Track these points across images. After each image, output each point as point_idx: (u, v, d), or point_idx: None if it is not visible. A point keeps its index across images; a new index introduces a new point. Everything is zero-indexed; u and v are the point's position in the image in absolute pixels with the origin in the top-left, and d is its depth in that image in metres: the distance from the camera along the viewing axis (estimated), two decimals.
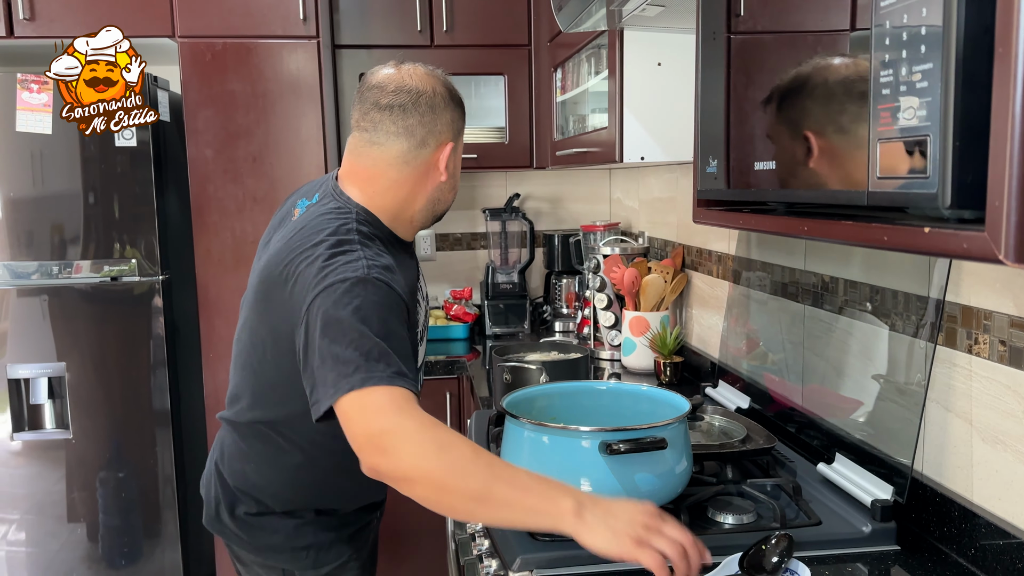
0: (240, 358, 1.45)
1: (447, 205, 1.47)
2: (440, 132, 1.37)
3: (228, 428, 1.50)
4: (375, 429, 1.10)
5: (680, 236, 2.39)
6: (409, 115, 1.35)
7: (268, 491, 1.45)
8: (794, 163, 0.89)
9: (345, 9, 2.69)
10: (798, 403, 1.62)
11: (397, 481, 1.09)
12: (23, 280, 2.51)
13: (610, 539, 1.01)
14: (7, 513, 2.59)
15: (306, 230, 1.31)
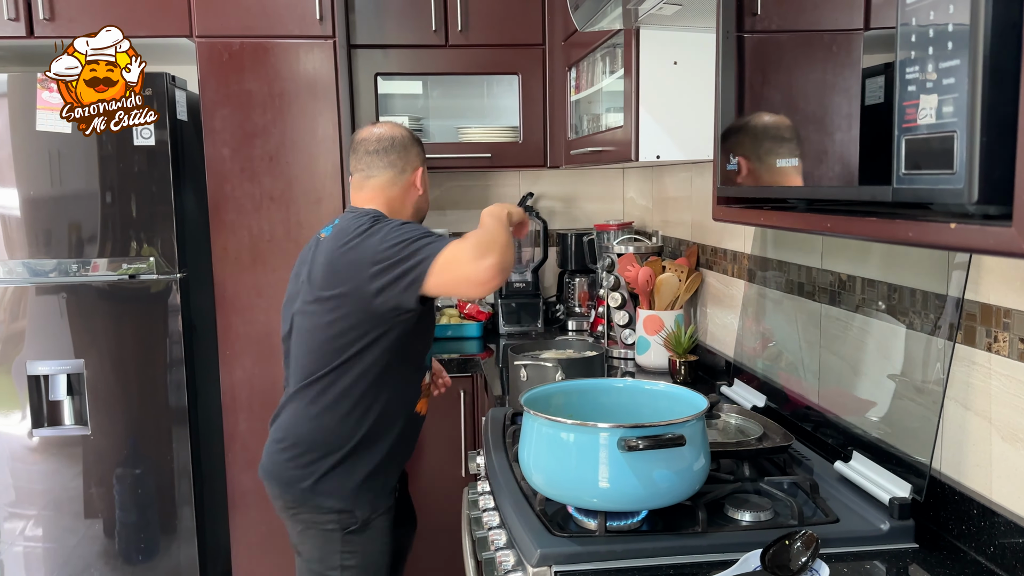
0: (308, 345, 1.79)
1: (425, 211, 2.00)
2: (412, 162, 1.92)
3: (299, 399, 1.81)
4: (477, 263, 1.59)
5: (694, 235, 2.39)
6: (390, 154, 1.90)
7: (337, 442, 1.78)
8: (817, 159, 0.89)
9: (361, 9, 2.70)
10: (814, 402, 1.63)
11: (504, 273, 1.62)
12: (41, 278, 2.53)
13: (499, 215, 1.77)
14: (25, 509, 2.61)
15: (347, 227, 1.76)
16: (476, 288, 1.60)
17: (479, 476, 1.72)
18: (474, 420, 2.64)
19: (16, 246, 2.51)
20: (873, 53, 0.86)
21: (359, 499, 1.79)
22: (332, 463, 1.77)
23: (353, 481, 1.78)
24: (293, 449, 1.79)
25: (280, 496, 1.85)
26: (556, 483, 1.25)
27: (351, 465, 1.78)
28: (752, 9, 1.11)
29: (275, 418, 1.89)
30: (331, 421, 1.77)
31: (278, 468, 1.83)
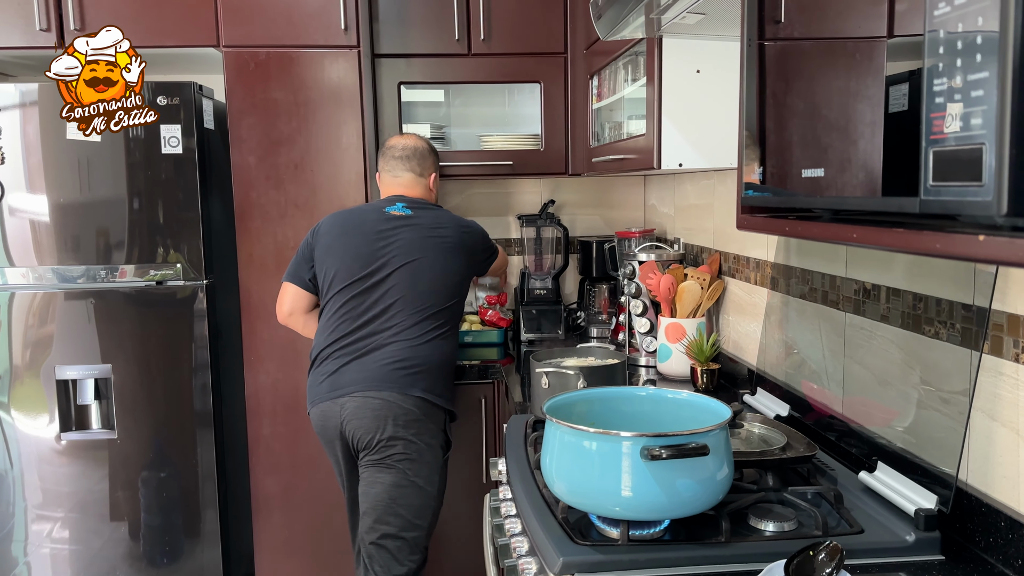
0: (429, 286, 2.31)
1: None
2: (428, 167, 2.48)
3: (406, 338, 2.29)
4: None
5: (716, 242, 2.39)
6: (412, 160, 2.45)
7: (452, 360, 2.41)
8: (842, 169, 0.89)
9: (385, 19, 2.73)
10: (838, 411, 1.62)
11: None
12: (70, 284, 2.57)
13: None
14: (52, 511, 2.65)
15: (447, 216, 2.43)
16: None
17: (500, 483, 1.73)
18: (495, 426, 2.65)
19: (45, 252, 2.56)
20: (897, 60, 0.86)
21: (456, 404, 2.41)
22: (447, 375, 2.33)
23: (451, 389, 2.35)
24: (420, 368, 2.25)
25: (401, 410, 2.21)
26: (578, 491, 1.25)
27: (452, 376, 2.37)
28: (776, 17, 1.11)
29: (377, 348, 2.24)
30: (448, 346, 2.34)
31: (404, 383, 2.23)
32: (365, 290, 2.25)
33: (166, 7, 2.55)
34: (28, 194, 2.52)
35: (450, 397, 2.33)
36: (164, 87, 2.49)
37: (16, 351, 2.59)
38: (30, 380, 2.59)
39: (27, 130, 2.48)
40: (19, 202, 2.53)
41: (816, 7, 1.03)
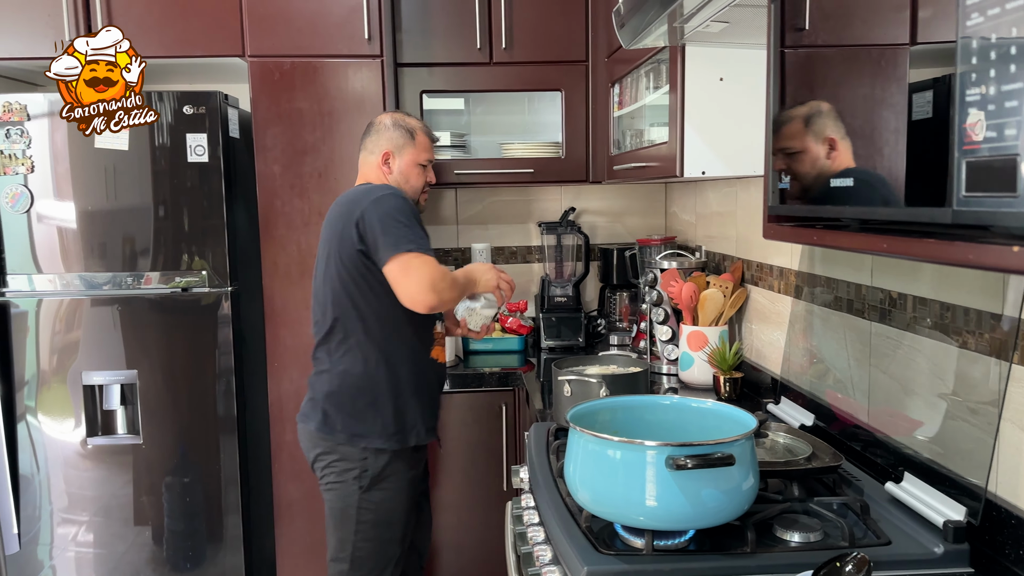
0: (320, 297, 2.13)
1: (408, 195, 2.16)
2: (382, 144, 2.20)
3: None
4: (426, 283, 1.95)
5: (739, 250, 2.38)
6: (366, 136, 2.24)
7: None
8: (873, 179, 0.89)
9: (408, 28, 2.75)
10: (863, 421, 1.60)
11: (442, 305, 2.00)
12: (96, 290, 2.60)
13: (488, 283, 2.18)
14: (77, 515, 2.68)
15: (339, 202, 2.12)
16: (410, 299, 1.99)
17: (522, 490, 1.73)
18: (515, 434, 2.65)
19: (72, 259, 2.59)
20: (919, 68, 0.85)
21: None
22: (351, 401, 2.13)
23: (363, 417, 2.14)
24: (314, 398, 2.18)
25: (309, 443, 2.20)
26: (602, 500, 1.25)
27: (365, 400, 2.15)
28: (800, 25, 1.11)
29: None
30: (345, 368, 2.15)
31: (306, 415, 2.21)
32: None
33: (193, 18, 2.59)
34: (56, 201, 2.56)
35: (359, 429, 2.08)
36: (190, 96, 2.52)
37: (43, 357, 2.62)
38: (57, 385, 2.63)
39: (55, 138, 2.52)
40: (47, 209, 2.56)
41: (840, 14, 1.03)
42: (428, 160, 2.23)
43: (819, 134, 1.07)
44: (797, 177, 1.08)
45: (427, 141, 2.23)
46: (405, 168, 2.19)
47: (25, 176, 2.53)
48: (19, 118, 2.49)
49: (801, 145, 1.10)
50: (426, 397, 2.15)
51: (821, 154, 1.05)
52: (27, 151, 2.52)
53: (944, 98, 0.82)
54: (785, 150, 1.14)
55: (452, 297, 2.01)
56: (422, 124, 2.25)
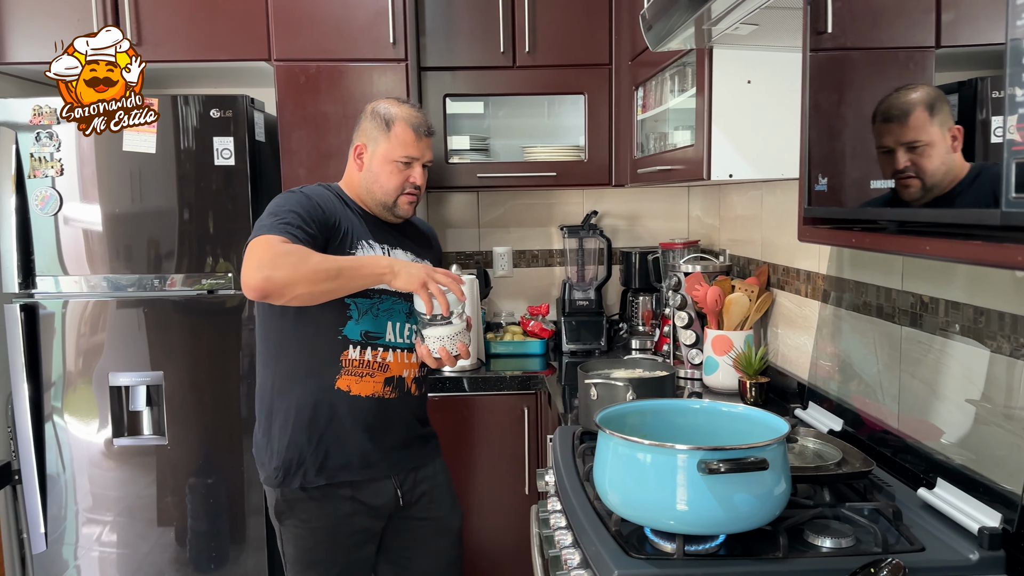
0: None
1: (376, 197, 1.91)
2: (358, 136, 1.93)
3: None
4: (255, 262, 1.62)
5: (764, 254, 2.37)
6: (355, 126, 1.96)
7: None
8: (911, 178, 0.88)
9: (431, 32, 2.76)
10: (893, 426, 1.59)
11: (281, 289, 1.61)
12: (121, 292, 2.63)
13: (408, 279, 1.69)
14: (101, 515, 2.70)
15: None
16: (246, 289, 1.64)
17: (547, 494, 1.72)
18: (538, 437, 2.64)
19: (98, 261, 2.61)
20: (944, 71, 0.85)
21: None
22: (264, 427, 1.91)
23: (269, 447, 1.90)
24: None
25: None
26: (633, 504, 1.24)
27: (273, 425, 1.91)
28: (832, 28, 1.10)
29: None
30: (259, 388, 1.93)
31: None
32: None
33: (219, 22, 2.61)
34: (82, 204, 2.59)
35: (258, 457, 1.92)
36: (217, 100, 2.54)
37: (69, 358, 2.65)
38: (83, 386, 2.65)
39: (83, 142, 2.55)
40: (73, 212, 2.59)
41: (868, 17, 1.02)
42: (407, 157, 1.87)
43: (945, 123, 0.93)
44: (921, 175, 0.94)
45: (409, 135, 1.86)
46: (376, 164, 1.88)
47: (54, 179, 2.56)
48: (49, 121, 2.52)
49: (928, 136, 0.96)
50: (326, 434, 1.84)
51: (948, 145, 0.93)
52: (56, 154, 2.55)
53: (970, 102, 0.82)
54: (910, 144, 0.97)
55: (294, 277, 1.62)
56: (411, 114, 1.89)
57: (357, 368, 1.85)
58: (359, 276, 1.70)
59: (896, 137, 0.99)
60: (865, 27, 1.04)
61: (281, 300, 1.64)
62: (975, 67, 0.82)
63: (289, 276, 1.61)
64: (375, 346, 1.86)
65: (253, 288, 1.61)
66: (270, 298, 1.63)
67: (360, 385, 1.85)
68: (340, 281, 1.67)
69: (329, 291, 1.68)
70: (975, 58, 0.82)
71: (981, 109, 0.81)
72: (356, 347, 1.84)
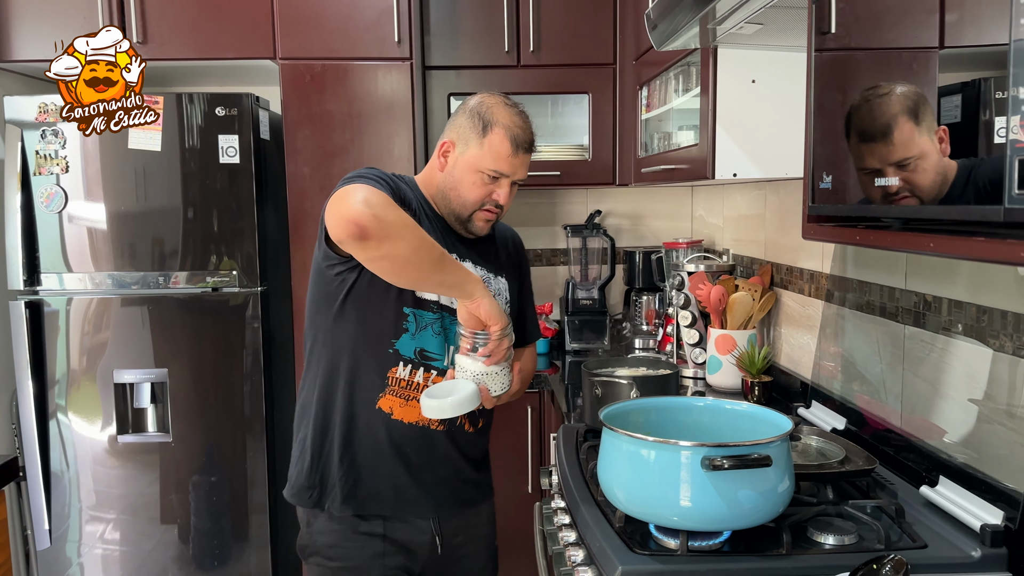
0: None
1: (451, 206, 1.66)
2: (450, 131, 1.67)
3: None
4: (359, 196, 1.38)
5: (768, 254, 2.37)
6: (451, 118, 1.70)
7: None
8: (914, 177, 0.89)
9: (436, 31, 2.77)
10: (896, 425, 1.59)
11: (382, 237, 1.38)
12: (126, 290, 2.63)
13: (497, 312, 1.51)
14: (105, 512, 2.70)
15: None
16: (337, 220, 1.38)
17: (550, 492, 1.73)
18: (540, 436, 2.65)
19: (102, 259, 2.62)
20: (948, 72, 0.86)
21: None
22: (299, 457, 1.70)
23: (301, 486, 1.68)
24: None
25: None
26: (637, 500, 1.25)
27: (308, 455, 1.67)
28: (837, 28, 1.11)
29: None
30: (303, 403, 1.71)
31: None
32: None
33: (225, 21, 2.62)
34: (87, 202, 2.60)
35: (290, 470, 1.73)
36: (222, 98, 2.55)
37: (73, 355, 2.65)
38: (87, 384, 2.66)
39: (87, 140, 2.56)
40: (78, 210, 2.60)
41: (873, 17, 1.03)
42: (496, 171, 1.61)
43: (931, 127, 0.88)
44: (917, 192, 0.88)
45: (505, 147, 1.60)
46: (460, 169, 1.62)
47: (59, 176, 2.57)
48: (54, 119, 2.54)
49: (919, 149, 0.89)
50: (360, 457, 1.62)
51: (937, 151, 0.88)
52: (61, 152, 2.56)
53: (973, 102, 0.82)
54: (900, 164, 0.91)
55: (401, 230, 1.40)
56: (514, 122, 1.63)
57: (403, 389, 1.61)
58: (451, 283, 1.49)
59: (882, 157, 0.93)
60: (869, 27, 1.05)
61: (372, 250, 1.39)
62: (979, 68, 0.82)
63: (398, 224, 1.39)
64: (428, 367, 1.62)
65: (352, 219, 1.35)
66: (365, 238, 1.37)
67: (404, 410, 1.61)
68: (436, 274, 1.47)
69: (421, 267, 1.45)
70: (979, 59, 0.83)
71: (985, 110, 0.81)
72: (407, 366, 1.61)
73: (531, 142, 1.66)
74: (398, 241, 1.39)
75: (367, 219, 1.35)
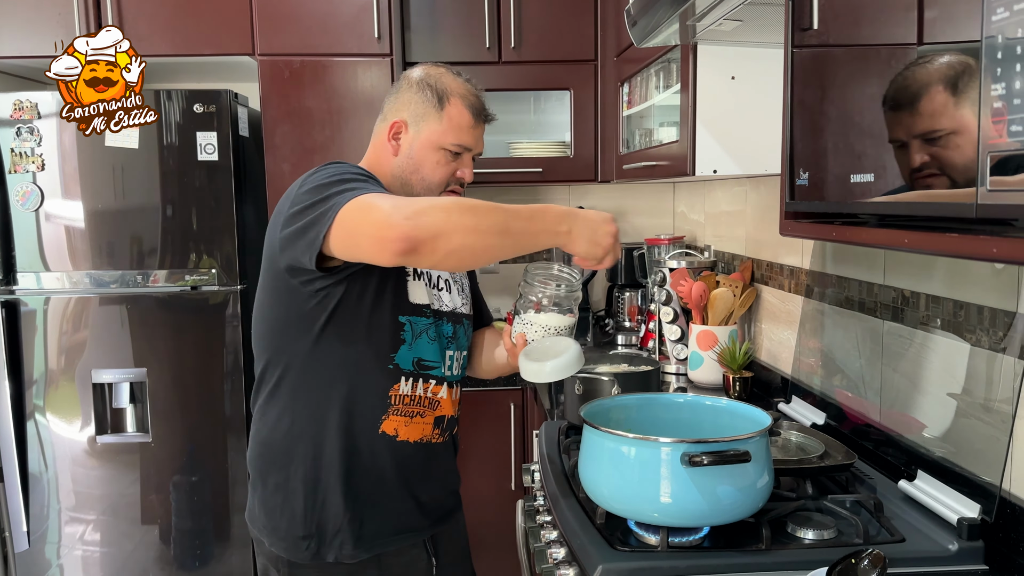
0: (253, 325, 1.54)
1: (414, 191, 1.51)
2: (397, 109, 1.51)
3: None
4: (386, 208, 1.20)
5: (748, 250, 2.38)
6: (388, 96, 1.55)
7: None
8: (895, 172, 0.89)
9: (416, 27, 2.76)
10: (875, 419, 1.60)
11: (434, 240, 1.18)
12: (104, 288, 2.61)
13: (590, 249, 1.31)
14: (84, 514, 2.68)
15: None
16: (374, 243, 1.20)
17: (534, 489, 1.73)
18: (523, 432, 2.65)
19: (80, 258, 2.60)
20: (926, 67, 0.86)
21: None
22: (264, 478, 1.49)
23: (276, 509, 1.47)
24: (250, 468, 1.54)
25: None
26: (617, 497, 1.25)
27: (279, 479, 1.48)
28: (815, 24, 1.11)
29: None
30: (265, 428, 1.48)
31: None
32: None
33: (203, 17, 2.59)
34: (64, 200, 2.57)
35: (268, 521, 1.47)
36: (200, 95, 2.52)
37: (51, 355, 2.63)
38: (65, 384, 2.63)
39: (65, 137, 2.53)
40: (55, 208, 2.57)
41: (851, 13, 1.03)
42: (459, 145, 1.50)
43: (975, 100, 0.73)
44: (947, 171, 0.79)
45: (466, 117, 1.49)
46: (419, 149, 1.48)
47: (35, 174, 2.54)
48: (29, 116, 2.50)
49: (953, 123, 0.78)
50: (364, 492, 1.44)
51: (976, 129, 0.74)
52: (37, 149, 2.53)
53: None
54: (926, 135, 0.83)
55: (446, 224, 1.20)
56: (469, 91, 1.53)
57: (408, 406, 1.47)
58: (531, 235, 1.27)
59: (907, 128, 0.84)
60: (847, 23, 1.05)
61: (428, 257, 1.20)
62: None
63: (441, 221, 1.19)
64: (427, 378, 1.49)
65: (398, 236, 1.17)
66: (416, 252, 1.18)
67: (409, 428, 1.47)
68: (509, 238, 1.24)
69: (493, 248, 1.25)
70: (958, 54, 0.83)
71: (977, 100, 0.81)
72: (408, 379, 1.46)
73: (487, 111, 1.56)
74: (450, 234, 1.19)
75: (410, 228, 1.17)
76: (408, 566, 1.51)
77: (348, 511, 1.43)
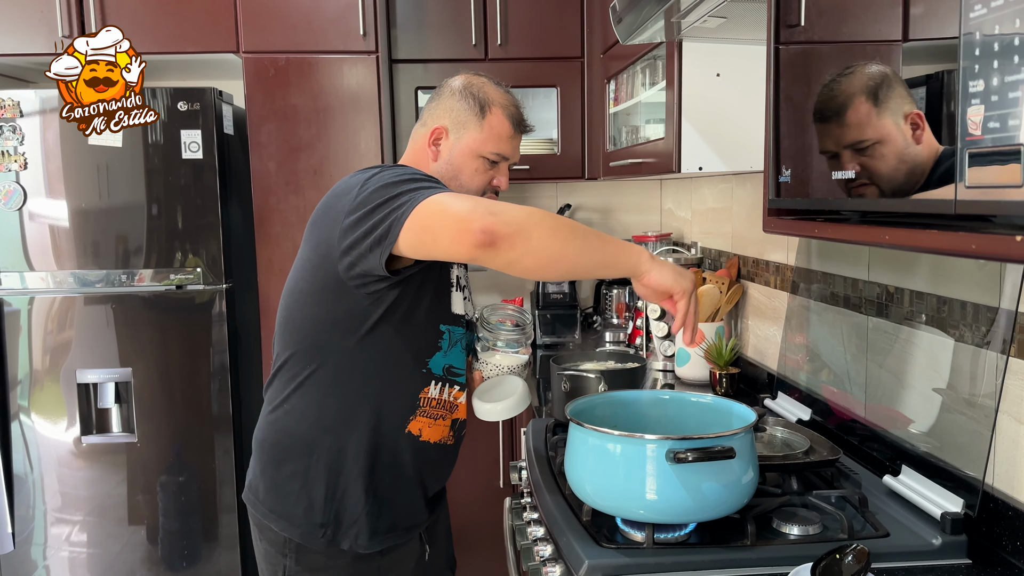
0: (280, 318, 1.53)
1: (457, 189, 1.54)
2: (438, 116, 1.54)
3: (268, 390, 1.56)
4: (464, 206, 1.22)
5: (735, 247, 2.39)
6: (428, 103, 1.58)
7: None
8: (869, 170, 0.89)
9: (402, 24, 2.75)
10: (860, 415, 1.61)
11: (513, 236, 1.20)
12: (89, 288, 2.59)
13: (673, 278, 1.31)
14: (71, 515, 2.66)
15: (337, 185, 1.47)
16: (454, 235, 1.21)
17: (522, 487, 1.73)
18: (512, 430, 2.65)
19: (65, 257, 2.58)
20: (911, 64, 0.86)
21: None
22: (279, 465, 1.51)
23: (288, 495, 1.48)
24: (255, 451, 1.57)
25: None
26: (603, 494, 1.25)
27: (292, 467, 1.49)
28: (798, 21, 1.11)
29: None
30: (289, 418, 1.48)
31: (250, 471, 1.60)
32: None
33: (187, 14, 2.58)
34: (48, 199, 2.55)
35: (279, 506, 1.47)
36: (184, 93, 2.51)
37: (36, 355, 2.61)
38: (50, 384, 2.61)
39: (48, 135, 2.51)
40: (39, 207, 2.55)
41: (835, 10, 1.04)
42: (498, 154, 1.54)
43: (897, 111, 0.84)
44: (876, 180, 0.86)
45: (506, 126, 1.53)
46: (459, 156, 1.52)
47: (17, 173, 2.52)
48: (12, 115, 2.48)
49: (877, 133, 0.86)
50: (383, 487, 1.47)
51: (905, 138, 0.83)
52: (20, 148, 2.51)
53: (937, 94, 0.83)
54: (855, 146, 0.88)
55: (527, 223, 1.22)
56: (509, 101, 1.56)
57: (434, 408, 1.51)
58: (610, 254, 1.30)
59: (836, 139, 0.89)
60: (831, 20, 1.05)
61: (505, 254, 1.21)
62: (943, 60, 0.83)
63: (523, 219, 1.21)
64: (453, 383, 1.54)
65: (480, 228, 1.18)
66: (494, 245, 1.19)
67: (432, 429, 1.52)
68: (586, 251, 1.27)
69: (568, 257, 1.26)
70: (943, 51, 0.83)
71: (948, 102, 0.82)
72: (438, 384, 1.51)
73: (526, 122, 1.59)
74: (529, 234, 1.21)
75: (490, 224, 1.19)
76: (406, 555, 1.57)
77: (367, 504, 1.46)
